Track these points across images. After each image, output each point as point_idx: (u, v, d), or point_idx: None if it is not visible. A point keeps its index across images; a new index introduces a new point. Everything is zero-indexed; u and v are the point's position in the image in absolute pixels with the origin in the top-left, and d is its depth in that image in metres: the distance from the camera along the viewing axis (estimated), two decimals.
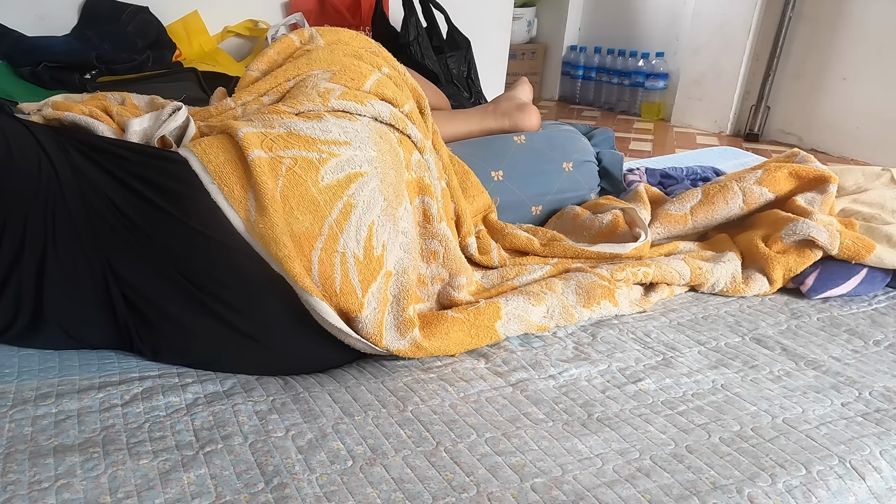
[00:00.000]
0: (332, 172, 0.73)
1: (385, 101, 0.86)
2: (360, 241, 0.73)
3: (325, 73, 0.87)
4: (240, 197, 0.70)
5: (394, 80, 0.92)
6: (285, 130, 0.75)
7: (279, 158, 0.71)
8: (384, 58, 0.96)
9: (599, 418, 0.69)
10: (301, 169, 0.71)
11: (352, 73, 0.86)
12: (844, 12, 2.43)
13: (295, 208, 0.70)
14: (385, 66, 0.92)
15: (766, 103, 2.70)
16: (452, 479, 0.59)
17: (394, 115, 0.84)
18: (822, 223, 1.00)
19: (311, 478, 0.58)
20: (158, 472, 0.58)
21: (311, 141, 0.74)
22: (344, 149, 0.75)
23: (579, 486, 0.58)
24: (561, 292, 0.89)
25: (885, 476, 0.62)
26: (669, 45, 3.11)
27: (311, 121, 0.76)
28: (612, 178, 1.25)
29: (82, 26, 1.69)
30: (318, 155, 0.73)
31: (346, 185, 0.73)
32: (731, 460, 0.62)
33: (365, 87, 0.85)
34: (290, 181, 0.70)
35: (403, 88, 0.92)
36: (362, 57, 0.92)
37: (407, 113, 0.88)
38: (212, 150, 0.72)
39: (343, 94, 0.82)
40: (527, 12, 3.53)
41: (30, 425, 0.63)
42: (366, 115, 0.81)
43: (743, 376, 0.78)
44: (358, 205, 0.73)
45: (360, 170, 0.74)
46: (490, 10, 2.31)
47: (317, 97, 0.81)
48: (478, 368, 0.78)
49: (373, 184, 0.75)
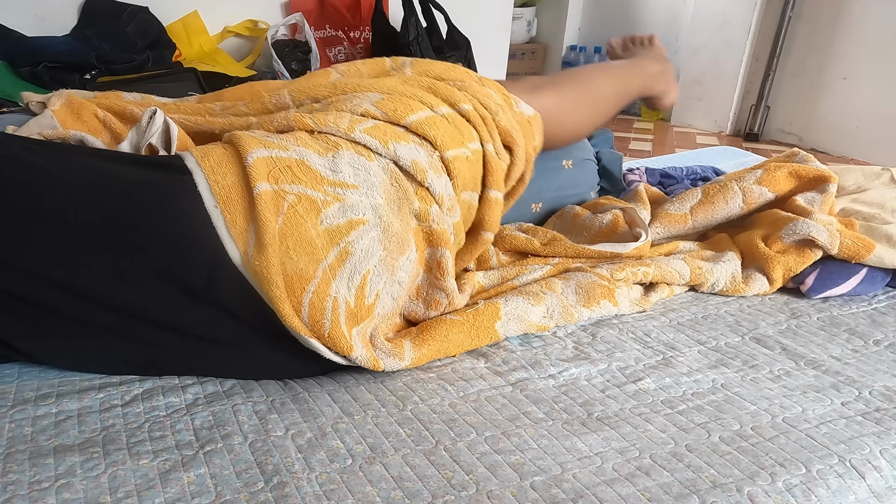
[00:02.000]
0: (334, 216, 0.70)
1: (425, 140, 0.79)
2: (352, 288, 0.71)
3: (376, 94, 0.82)
4: (241, 228, 0.67)
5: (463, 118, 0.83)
6: (297, 158, 0.71)
7: (283, 193, 0.68)
8: (474, 92, 0.87)
9: (599, 417, 0.69)
10: (303, 208, 0.68)
11: (398, 103, 0.80)
12: (844, 12, 2.43)
13: (291, 248, 0.67)
14: (465, 102, 0.84)
15: (765, 103, 2.70)
16: (452, 478, 0.59)
17: (416, 163, 0.76)
18: (822, 223, 1.00)
19: (311, 476, 0.58)
20: (158, 471, 0.58)
21: (318, 179, 0.71)
22: (350, 192, 0.71)
23: (579, 485, 0.58)
24: (560, 292, 0.89)
25: (885, 475, 0.62)
26: (669, 45, 3.10)
27: (324, 156, 0.73)
28: (612, 177, 1.25)
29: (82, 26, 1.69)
30: (322, 196, 0.70)
31: (346, 232, 0.70)
32: (731, 459, 0.62)
33: (406, 120, 0.79)
34: (290, 220, 0.68)
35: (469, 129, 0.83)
36: (436, 89, 0.85)
37: (449, 158, 0.79)
38: (221, 168, 0.69)
39: (374, 127, 0.77)
40: (527, 12, 3.53)
41: (30, 425, 0.63)
42: (385, 157, 0.75)
43: (743, 376, 0.78)
44: (355, 253, 0.71)
45: (363, 217, 0.71)
46: (490, 10, 2.32)
47: (346, 121, 0.77)
48: (477, 368, 0.78)
49: (373, 233, 0.72)
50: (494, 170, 0.85)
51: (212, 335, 0.70)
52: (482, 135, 0.84)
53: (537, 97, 0.96)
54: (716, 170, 1.54)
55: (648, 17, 3.20)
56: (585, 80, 1.08)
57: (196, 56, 1.84)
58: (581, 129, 1.08)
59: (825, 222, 1.01)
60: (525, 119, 0.91)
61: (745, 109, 2.79)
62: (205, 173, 0.68)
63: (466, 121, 0.83)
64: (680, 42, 3.05)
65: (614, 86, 1.11)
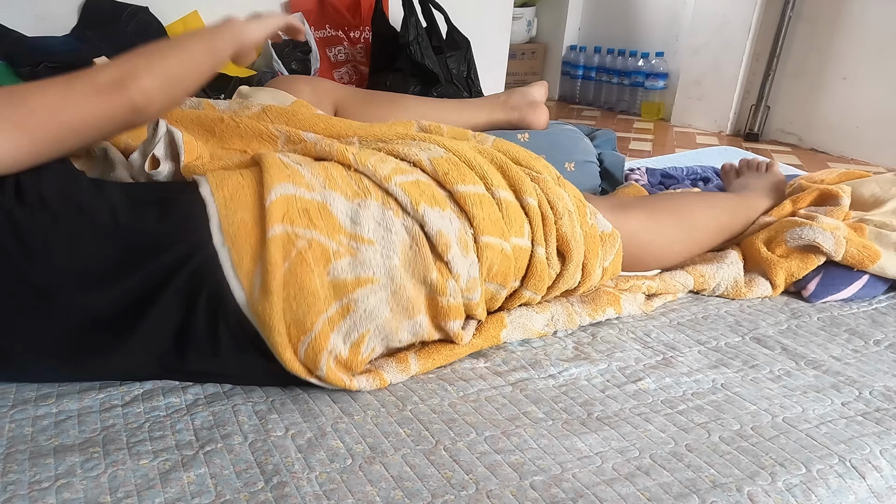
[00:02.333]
0: (342, 270, 0.66)
1: (464, 213, 0.73)
2: (347, 343, 0.69)
3: (439, 150, 0.77)
4: (248, 269, 0.64)
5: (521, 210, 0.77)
6: (320, 201, 0.68)
7: (295, 237, 0.65)
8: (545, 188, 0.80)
9: (599, 417, 0.69)
10: (312, 257, 0.65)
11: (453, 167, 0.74)
12: (844, 12, 2.43)
13: (293, 296, 0.65)
14: (531, 195, 0.77)
15: (765, 103, 2.70)
16: (451, 477, 0.59)
17: (441, 235, 0.70)
18: (829, 227, 0.99)
19: (311, 476, 0.58)
20: (158, 471, 0.58)
21: (335, 227, 0.67)
22: (365, 248, 0.68)
23: (578, 484, 0.58)
24: (566, 299, 0.89)
25: (885, 475, 0.62)
26: (669, 45, 3.10)
27: (350, 201, 0.69)
28: (613, 179, 1.26)
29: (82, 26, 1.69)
30: (335, 246, 0.67)
31: (352, 288, 0.67)
32: (731, 459, 0.62)
33: (454, 187, 0.73)
34: (296, 266, 0.65)
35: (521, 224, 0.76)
36: (506, 170, 0.78)
37: (483, 243, 0.73)
38: (235, 201, 0.66)
39: (413, 183, 0.72)
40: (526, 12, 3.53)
41: (30, 425, 0.63)
42: (413, 219, 0.71)
43: (743, 376, 0.78)
44: (358, 311, 0.68)
45: (373, 276, 0.68)
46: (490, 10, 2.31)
47: (388, 167, 0.72)
48: (477, 368, 0.78)
49: (381, 294, 0.68)
50: (539, 273, 0.79)
51: (212, 367, 0.69)
52: (535, 234, 0.78)
53: (623, 216, 0.90)
54: (716, 170, 1.54)
55: (648, 17, 3.20)
56: (682, 208, 1.02)
57: None
58: (672, 256, 0.99)
59: (832, 227, 0.99)
60: (596, 233, 0.83)
61: (745, 109, 2.78)
62: (217, 206, 0.66)
63: (524, 213, 0.77)
64: (680, 42, 3.04)
65: (716, 217, 1.04)
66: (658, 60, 3.13)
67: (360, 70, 2.11)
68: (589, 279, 0.84)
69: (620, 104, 3.31)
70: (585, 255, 0.82)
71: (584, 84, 3.48)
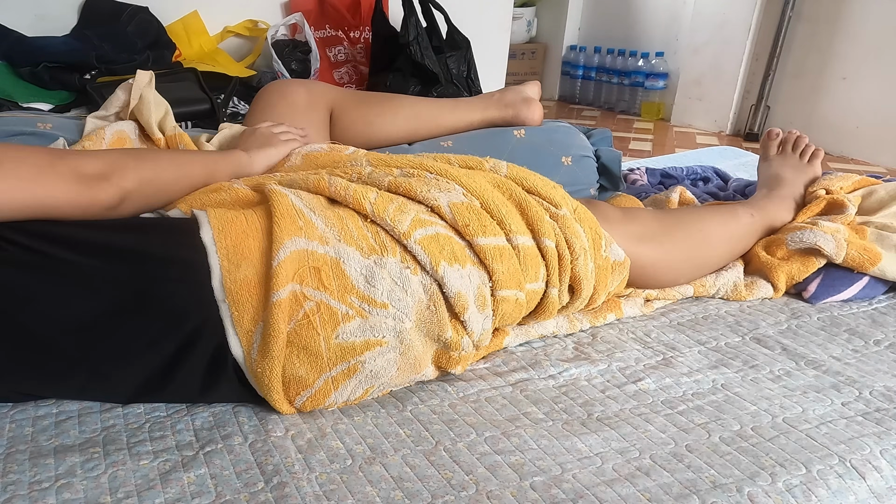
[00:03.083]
0: (351, 333, 0.64)
1: (483, 266, 0.71)
2: (350, 398, 0.68)
3: (458, 191, 0.74)
4: (247, 329, 0.62)
5: (539, 253, 0.75)
6: (333, 257, 0.65)
7: (303, 298, 0.62)
8: (563, 226, 0.77)
9: (599, 418, 0.69)
10: (320, 320, 0.63)
11: (475, 218, 0.71)
12: (844, 12, 2.43)
13: (295, 356, 0.63)
14: (549, 237, 0.76)
15: (765, 103, 2.70)
16: (451, 478, 0.59)
17: (460, 297, 0.68)
18: (830, 230, 0.99)
19: (311, 477, 0.58)
20: (159, 472, 0.58)
21: (347, 288, 0.64)
22: (377, 312, 0.65)
23: (579, 485, 0.58)
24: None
25: (886, 475, 0.62)
26: (669, 45, 3.10)
27: (366, 257, 0.66)
28: (611, 175, 1.25)
29: (82, 26, 1.69)
30: (345, 309, 0.64)
31: (360, 351, 0.65)
32: (731, 459, 0.62)
33: (475, 240, 0.71)
34: (302, 328, 0.62)
35: (537, 268, 0.75)
36: (525, 208, 0.76)
37: (499, 297, 0.72)
38: (237, 252, 0.63)
39: (433, 238, 0.68)
40: (526, 12, 3.53)
41: (30, 425, 0.63)
42: (432, 280, 0.68)
43: (743, 376, 0.78)
44: (364, 371, 0.66)
45: (381, 339, 0.65)
46: (490, 10, 2.31)
47: (407, 220, 0.68)
48: (477, 369, 0.78)
49: (390, 356, 0.66)
50: (549, 310, 0.79)
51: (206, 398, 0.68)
52: (551, 277, 0.77)
53: (637, 247, 0.88)
54: (716, 170, 1.54)
55: (648, 17, 3.20)
56: (699, 239, 0.98)
57: (196, 56, 1.84)
58: (678, 282, 0.98)
59: (832, 230, 0.99)
60: (609, 264, 0.83)
61: (745, 109, 2.79)
62: (220, 258, 0.62)
63: (541, 257, 0.76)
64: (680, 42, 3.04)
65: (731, 247, 1.02)
66: (658, 60, 3.13)
67: (360, 70, 2.11)
68: (593, 305, 0.86)
69: (620, 104, 3.31)
70: (595, 287, 0.82)
71: (584, 84, 3.48)
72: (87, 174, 0.62)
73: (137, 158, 0.69)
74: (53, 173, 0.60)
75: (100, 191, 0.63)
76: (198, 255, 0.62)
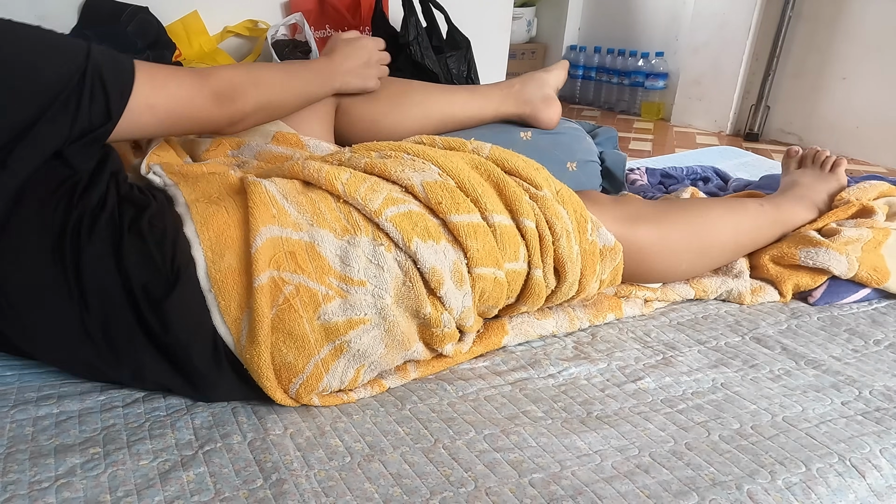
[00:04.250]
0: (333, 313, 0.65)
1: (459, 248, 0.71)
2: (344, 381, 0.68)
3: (433, 171, 0.74)
4: (235, 316, 0.63)
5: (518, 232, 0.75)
6: (307, 241, 0.66)
7: (282, 283, 0.64)
8: (544, 207, 0.77)
9: (599, 416, 0.69)
10: (300, 302, 0.64)
11: (447, 195, 0.71)
12: (844, 12, 2.43)
13: (282, 342, 0.64)
14: (529, 217, 0.75)
15: (765, 103, 2.70)
16: (450, 475, 0.59)
17: (434, 271, 0.68)
18: (849, 241, 0.98)
19: (310, 474, 0.58)
20: (158, 471, 0.58)
21: (324, 269, 0.65)
22: (355, 290, 0.65)
23: (577, 482, 0.58)
24: (568, 305, 0.89)
25: (885, 474, 0.62)
26: (669, 45, 3.10)
27: (340, 237, 0.67)
28: (614, 179, 1.25)
29: (82, 26, 1.69)
30: (324, 290, 0.65)
31: (344, 331, 0.65)
32: (731, 457, 0.62)
33: (448, 217, 0.70)
34: (284, 312, 0.64)
35: (516, 247, 0.74)
36: (503, 189, 0.75)
37: (476, 275, 0.71)
38: (220, 243, 0.64)
39: (405, 215, 0.68)
40: (526, 12, 3.52)
41: (31, 425, 0.63)
42: (406, 256, 0.68)
43: (743, 375, 0.78)
44: (351, 350, 0.66)
45: (364, 316, 0.66)
46: (490, 10, 2.31)
47: (379, 198, 0.69)
48: (476, 368, 0.78)
49: (375, 332, 0.67)
50: (536, 292, 0.77)
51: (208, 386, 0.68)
52: (533, 258, 0.76)
53: (631, 229, 0.86)
54: (716, 170, 1.54)
55: (648, 17, 3.20)
56: (699, 222, 0.94)
57: (196, 56, 1.84)
58: (678, 273, 0.95)
59: (853, 240, 0.98)
60: (596, 249, 0.81)
61: (745, 109, 2.78)
62: (203, 250, 0.64)
63: (521, 236, 0.75)
64: (680, 42, 3.04)
65: (737, 236, 0.98)
66: (658, 60, 3.13)
67: None
68: (584, 292, 0.83)
69: (620, 104, 3.31)
70: (582, 272, 0.80)
71: (584, 84, 3.48)
72: (221, 95, 0.72)
73: (256, 85, 0.77)
74: (201, 93, 0.70)
75: (228, 110, 0.73)
76: (181, 244, 0.64)
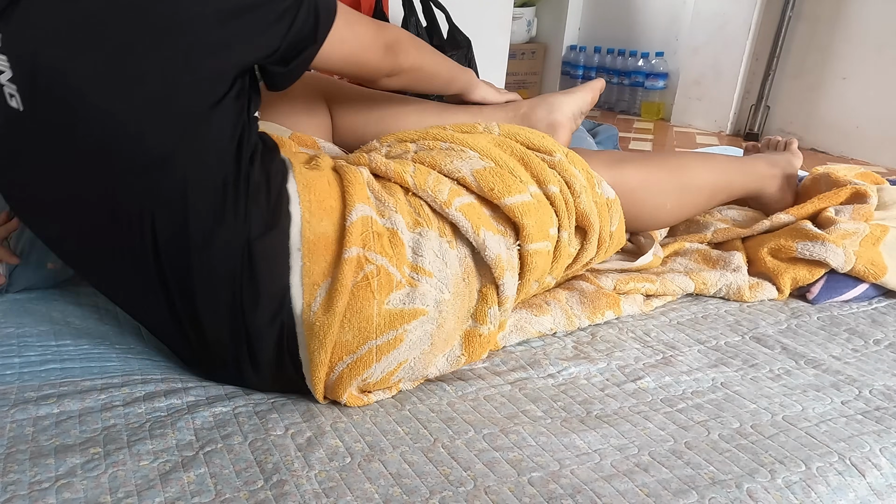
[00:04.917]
0: (400, 300, 0.66)
1: (510, 229, 0.74)
2: (384, 372, 0.68)
3: (475, 156, 0.76)
4: (315, 281, 0.64)
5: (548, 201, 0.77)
6: (390, 227, 0.68)
7: (365, 262, 0.64)
8: (562, 170, 0.80)
9: (598, 415, 0.69)
10: (378, 283, 0.64)
11: (497, 178, 0.73)
12: (844, 12, 2.43)
13: (348, 318, 0.64)
14: (553, 183, 0.77)
15: (765, 103, 2.70)
16: (450, 474, 0.59)
17: (499, 260, 0.71)
18: (847, 234, 0.98)
19: (310, 474, 0.58)
20: (159, 471, 0.58)
21: (402, 256, 0.67)
22: (424, 280, 0.67)
23: (577, 480, 0.58)
24: (565, 301, 0.89)
25: (885, 473, 0.62)
26: (669, 45, 3.10)
27: (412, 230, 0.69)
28: None
29: None
30: (399, 276, 0.66)
31: (407, 320, 0.66)
32: (731, 456, 0.62)
33: (503, 201, 0.73)
34: (359, 289, 0.64)
35: (551, 214, 0.77)
36: (528, 162, 0.78)
37: (531, 251, 0.74)
38: (320, 208, 0.65)
39: (469, 206, 0.71)
40: (526, 12, 3.53)
41: (31, 425, 0.63)
42: (465, 247, 0.71)
43: (743, 375, 0.78)
44: (405, 342, 0.67)
45: (424, 308, 0.67)
46: (490, 10, 2.31)
47: (445, 189, 0.71)
48: (476, 368, 0.78)
49: (428, 327, 0.68)
50: (562, 257, 0.80)
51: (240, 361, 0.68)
52: (562, 221, 0.78)
53: (619, 172, 0.90)
54: None
55: (648, 17, 3.20)
56: (678, 165, 1.02)
57: None
58: (664, 215, 1.00)
59: (850, 233, 0.98)
60: (604, 201, 0.84)
61: (745, 109, 2.79)
62: (301, 210, 0.65)
63: (550, 204, 0.77)
64: (680, 42, 3.05)
65: (712, 178, 1.04)
66: (658, 60, 3.13)
67: None
68: (602, 247, 0.86)
69: (620, 104, 3.31)
70: (599, 224, 0.83)
71: None
72: (390, 47, 0.76)
73: (416, 47, 0.81)
74: (376, 41, 0.74)
75: (391, 62, 0.77)
76: (283, 200, 0.65)
